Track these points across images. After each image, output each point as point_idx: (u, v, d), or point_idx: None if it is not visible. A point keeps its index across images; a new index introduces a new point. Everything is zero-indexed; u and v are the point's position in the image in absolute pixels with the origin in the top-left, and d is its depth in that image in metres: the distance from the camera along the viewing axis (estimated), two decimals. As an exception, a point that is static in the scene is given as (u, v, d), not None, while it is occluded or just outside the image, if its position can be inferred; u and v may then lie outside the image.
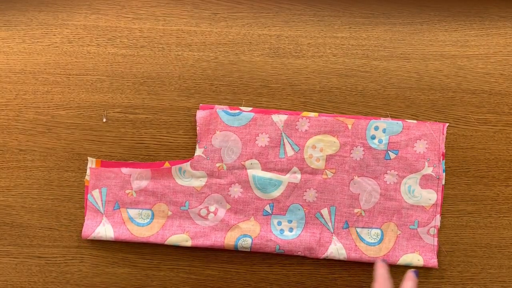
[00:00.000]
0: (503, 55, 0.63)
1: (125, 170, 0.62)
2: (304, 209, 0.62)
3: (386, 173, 0.62)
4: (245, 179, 0.62)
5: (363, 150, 0.62)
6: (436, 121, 0.62)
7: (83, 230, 0.61)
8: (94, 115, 0.64)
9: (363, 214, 0.62)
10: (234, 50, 0.64)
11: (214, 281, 0.63)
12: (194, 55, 0.64)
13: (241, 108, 0.62)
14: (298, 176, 0.62)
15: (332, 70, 0.63)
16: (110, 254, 0.63)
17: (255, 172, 0.62)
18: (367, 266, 0.62)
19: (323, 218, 0.62)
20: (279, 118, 0.62)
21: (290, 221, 0.62)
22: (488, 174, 0.63)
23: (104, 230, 0.61)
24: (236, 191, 0.62)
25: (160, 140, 0.63)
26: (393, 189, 0.62)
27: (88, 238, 0.61)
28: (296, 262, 0.63)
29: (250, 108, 0.62)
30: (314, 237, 0.61)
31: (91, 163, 0.62)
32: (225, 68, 0.64)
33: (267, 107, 0.63)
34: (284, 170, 0.62)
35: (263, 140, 0.62)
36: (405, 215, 0.62)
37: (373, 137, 0.62)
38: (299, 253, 0.61)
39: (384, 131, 0.62)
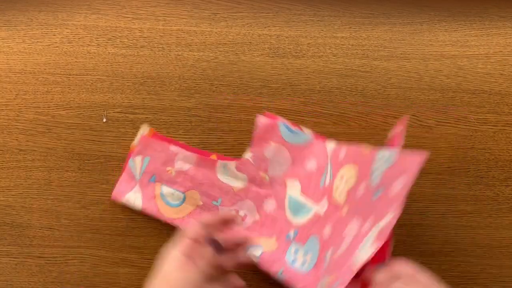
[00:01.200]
0: (503, 55, 0.63)
1: (173, 148, 0.61)
2: (320, 245, 0.56)
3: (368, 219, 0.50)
4: (282, 197, 0.60)
5: (364, 188, 0.51)
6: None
7: (114, 191, 0.60)
8: (94, 115, 0.64)
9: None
10: (234, 50, 0.64)
11: (214, 281, 0.63)
12: (194, 55, 0.64)
13: (302, 128, 0.61)
14: (325, 208, 0.57)
15: (332, 70, 0.63)
16: (111, 254, 0.62)
17: (293, 193, 0.60)
18: (367, 266, 0.62)
19: (327, 260, 0.55)
20: (330, 147, 0.58)
21: (306, 253, 0.57)
22: (488, 174, 0.63)
23: (134, 198, 0.60)
24: (270, 204, 0.61)
25: (160, 140, 0.63)
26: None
27: (117, 201, 0.60)
28: (296, 262, 0.63)
29: (310, 131, 0.60)
30: (315, 279, 0.55)
31: (144, 130, 0.61)
32: (225, 68, 0.64)
33: (267, 107, 0.63)
34: (319, 199, 0.58)
35: (311, 165, 0.60)
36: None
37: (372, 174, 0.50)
38: None
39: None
